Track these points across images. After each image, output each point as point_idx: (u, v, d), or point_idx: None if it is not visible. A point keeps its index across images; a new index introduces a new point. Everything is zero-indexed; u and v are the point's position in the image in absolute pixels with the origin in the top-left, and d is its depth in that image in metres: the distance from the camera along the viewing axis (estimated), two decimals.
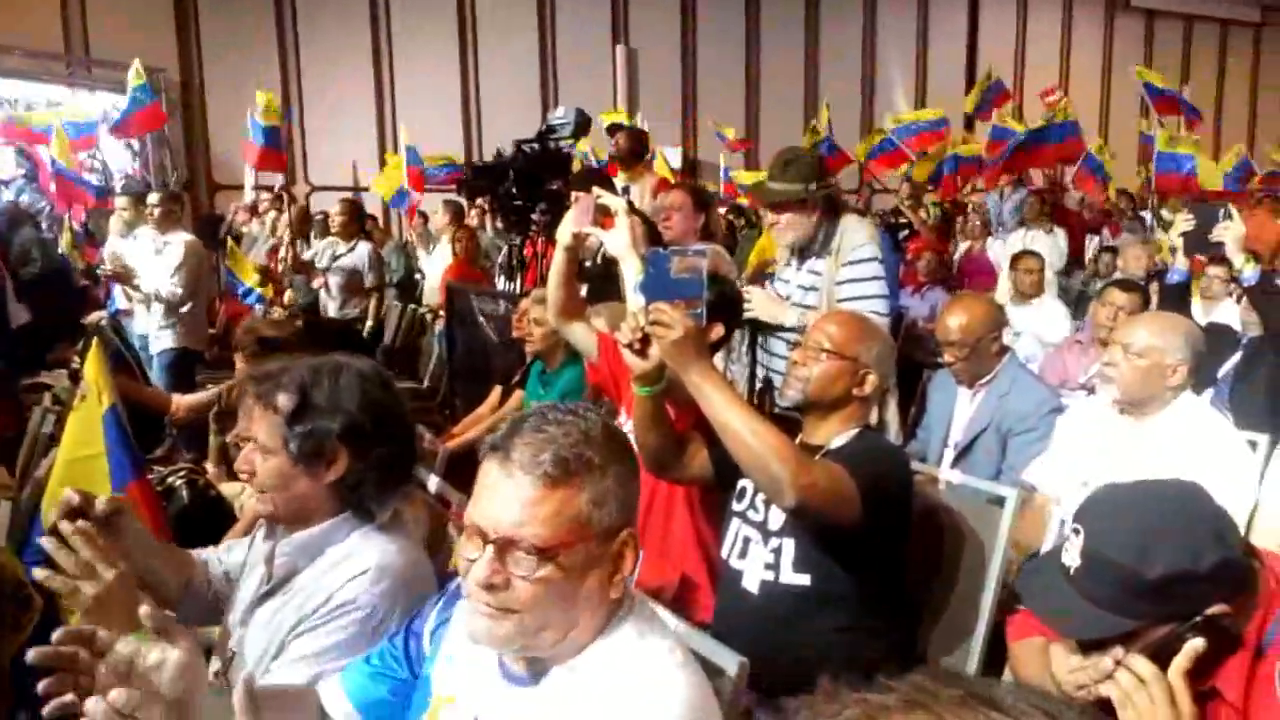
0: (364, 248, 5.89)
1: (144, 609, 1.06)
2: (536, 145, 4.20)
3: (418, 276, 7.56)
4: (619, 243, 2.16)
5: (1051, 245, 6.30)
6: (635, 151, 4.99)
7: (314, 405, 1.48)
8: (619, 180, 4.73)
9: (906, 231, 7.83)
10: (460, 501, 2.08)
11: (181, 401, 3.43)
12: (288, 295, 6.17)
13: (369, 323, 5.80)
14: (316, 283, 5.96)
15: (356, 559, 1.47)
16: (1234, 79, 16.86)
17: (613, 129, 5.45)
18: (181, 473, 2.84)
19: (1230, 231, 2.90)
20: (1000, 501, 2.14)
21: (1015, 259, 5.01)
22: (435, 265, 6.84)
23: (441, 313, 5.31)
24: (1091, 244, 8.03)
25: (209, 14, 10.25)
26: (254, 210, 7.95)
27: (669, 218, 3.61)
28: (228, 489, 2.91)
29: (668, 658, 1.13)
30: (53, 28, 9.38)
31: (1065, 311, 4.84)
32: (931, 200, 8.63)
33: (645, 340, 1.79)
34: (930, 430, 3.09)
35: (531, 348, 3.15)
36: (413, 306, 6.27)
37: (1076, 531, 1.28)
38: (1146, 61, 16.14)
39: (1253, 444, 2.56)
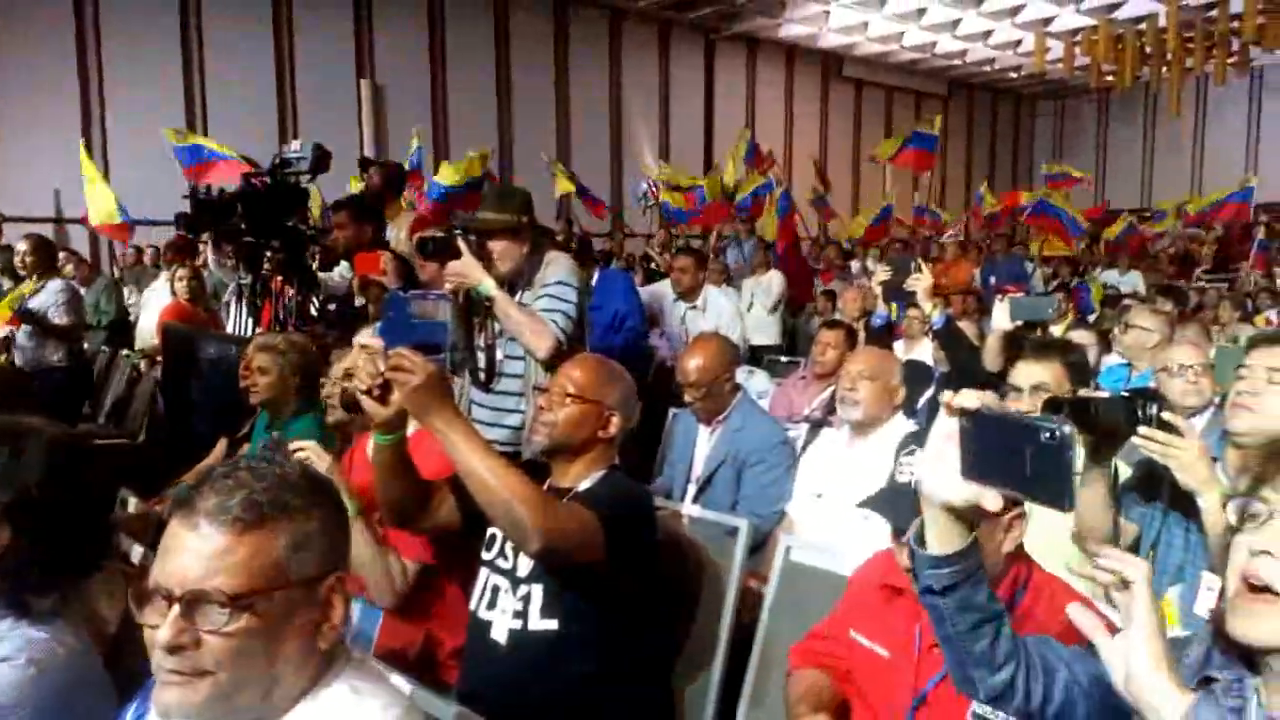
0: (54, 284, 5.23)
1: None
2: (268, 179, 3.95)
3: (131, 318, 6.83)
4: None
5: (764, 290, 7.16)
6: (391, 188, 4.82)
7: None
8: None
9: (655, 274, 8.25)
10: None
11: None
12: None
13: (63, 365, 5.13)
14: (2, 330, 5.20)
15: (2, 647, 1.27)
16: None
17: (365, 163, 5.25)
18: None
19: (920, 282, 3.32)
20: (734, 532, 2.27)
21: (675, 259, 5.55)
22: (151, 305, 6.22)
23: (158, 358, 4.81)
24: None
25: None
26: None
27: None
28: None
29: (382, 714, 1.07)
30: None
31: (731, 308, 5.38)
32: (676, 246, 9.13)
33: (385, 386, 1.73)
34: (674, 466, 3.22)
35: (257, 398, 2.90)
36: (124, 352, 5.64)
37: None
38: (856, 125, 18.22)
39: None
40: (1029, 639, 1.22)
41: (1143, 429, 1.70)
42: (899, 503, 1.54)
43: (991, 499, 0.99)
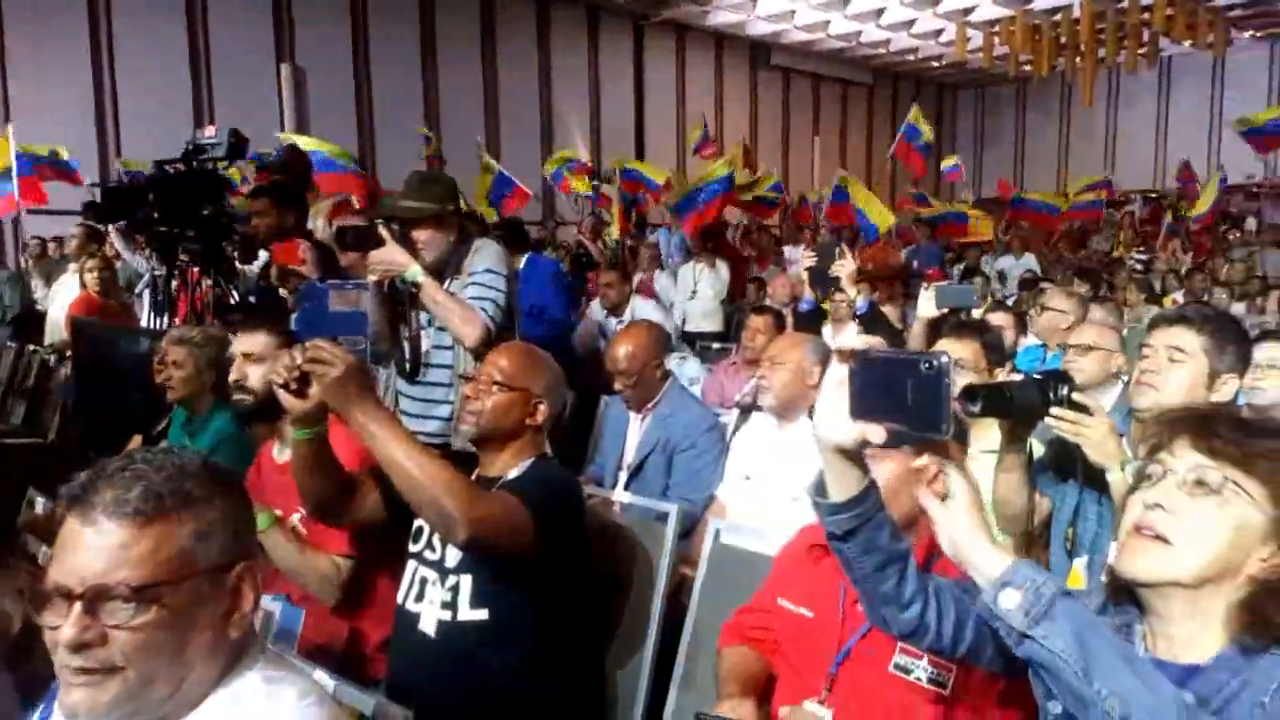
0: None
1: None
2: (182, 166, 3.81)
3: (41, 311, 6.52)
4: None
5: (714, 278, 6.98)
6: (299, 181, 4.72)
7: None
8: None
9: (586, 262, 8.23)
10: None
11: None
12: None
13: None
14: None
15: None
16: (854, 130, 19.80)
17: (268, 168, 5.13)
18: None
19: (844, 268, 3.38)
20: (665, 517, 2.28)
21: (601, 275, 5.59)
22: (60, 298, 5.96)
23: (68, 353, 4.62)
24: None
25: None
26: None
27: None
28: None
29: (297, 704, 1.06)
30: None
31: (659, 317, 5.28)
32: (609, 235, 9.10)
33: (303, 379, 1.69)
34: (606, 454, 3.23)
35: (173, 394, 2.80)
36: (31, 347, 5.39)
37: None
38: (784, 113, 18.40)
39: None
40: (948, 582, 1.27)
41: (1054, 409, 1.76)
42: None
43: (875, 433, 1.03)
